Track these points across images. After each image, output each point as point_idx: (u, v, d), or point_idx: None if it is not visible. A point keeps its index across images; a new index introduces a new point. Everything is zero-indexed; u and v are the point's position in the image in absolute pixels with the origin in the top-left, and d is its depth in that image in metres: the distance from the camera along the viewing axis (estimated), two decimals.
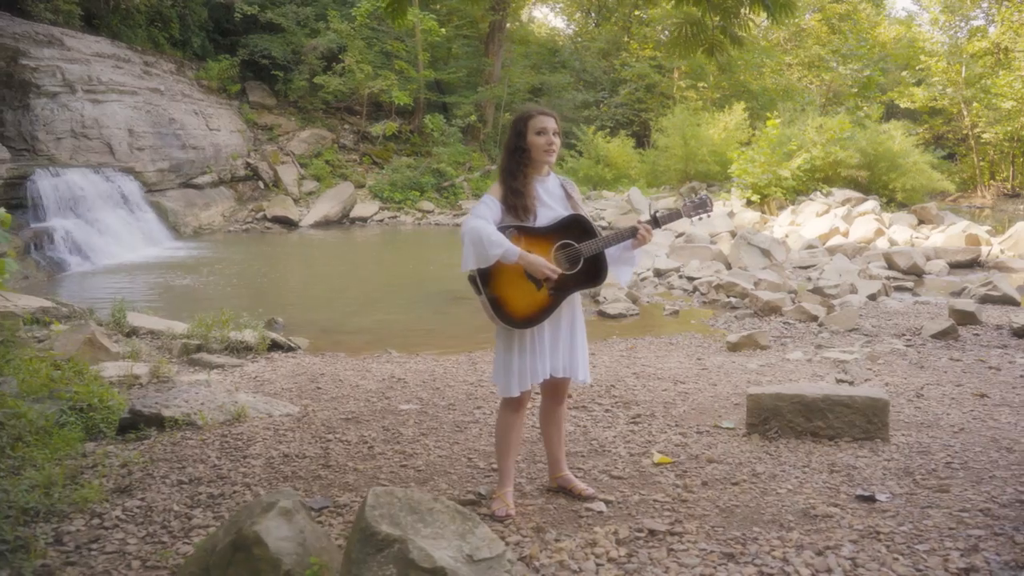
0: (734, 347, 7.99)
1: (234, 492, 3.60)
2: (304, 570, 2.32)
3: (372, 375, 6.43)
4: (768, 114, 20.49)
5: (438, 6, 28.59)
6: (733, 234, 15.50)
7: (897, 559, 2.68)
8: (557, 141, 3.20)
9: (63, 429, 4.51)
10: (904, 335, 8.24)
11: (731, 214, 18.60)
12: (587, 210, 3.33)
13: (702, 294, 11.22)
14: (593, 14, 34.30)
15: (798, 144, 19.80)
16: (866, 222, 16.65)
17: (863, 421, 4.24)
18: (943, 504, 3.20)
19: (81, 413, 4.84)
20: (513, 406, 3.26)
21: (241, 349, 7.67)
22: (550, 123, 3.18)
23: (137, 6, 20.71)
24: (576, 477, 3.58)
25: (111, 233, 15.28)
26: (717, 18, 4.48)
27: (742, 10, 4.30)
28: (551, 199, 3.22)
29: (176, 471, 3.89)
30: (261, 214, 21.29)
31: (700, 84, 27.94)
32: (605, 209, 21.42)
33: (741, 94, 27.70)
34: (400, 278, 13.94)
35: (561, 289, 3.12)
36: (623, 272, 3.37)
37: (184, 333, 7.95)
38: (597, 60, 29.92)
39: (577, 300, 3.30)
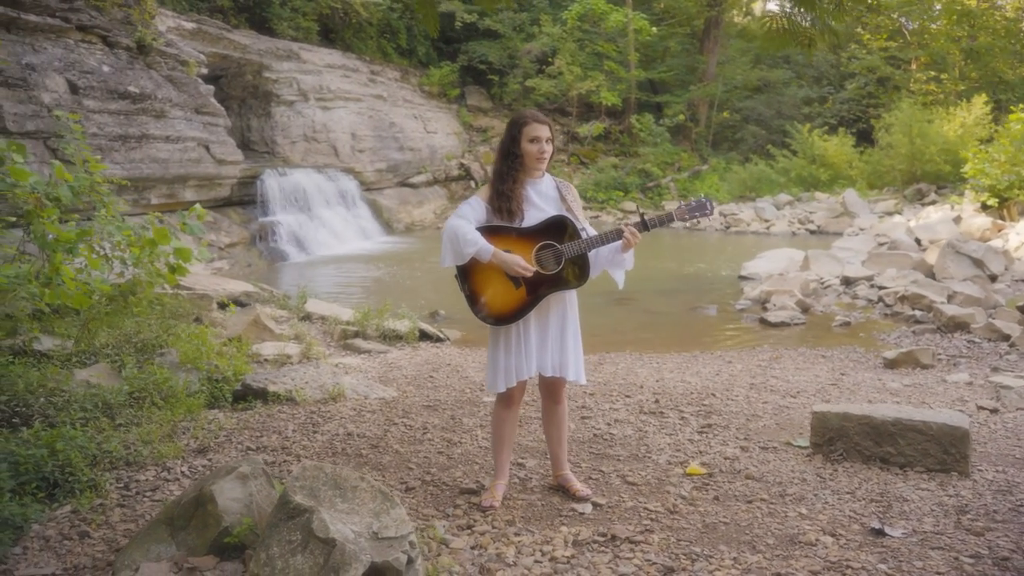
0: (891, 364, 7.34)
1: (284, 461, 4.02)
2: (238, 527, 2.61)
3: None
4: (1012, 108, 18.11)
5: (661, 4, 28.32)
6: None
7: None
8: (549, 148, 3.26)
9: (192, 396, 5.20)
10: None
11: (957, 219, 16.73)
12: (582, 213, 3.34)
13: (887, 305, 10.32)
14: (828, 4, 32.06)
15: None
16: None
17: (938, 451, 3.81)
18: (958, 548, 2.85)
19: (216, 383, 5.55)
20: (504, 402, 3.36)
21: (392, 337, 8.27)
22: (544, 131, 3.24)
23: (369, 19, 22.63)
24: (589, 478, 3.60)
25: (328, 227, 16.89)
26: (802, 8, 4.20)
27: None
28: (543, 200, 3.27)
29: (253, 439, 4.39)
30: None
31: (942, 75, 25.27)
32: (815, 212, 20.15)
33: (996, 85, 24.75)
34: None
35: (540, 289, 3.18)
36: (617, 275, 3.38)
37: (347, 320, 8.72)
38: (825, 53, 28.07)
39: (569, 300, 3.32)
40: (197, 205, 7.46)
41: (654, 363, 7.31)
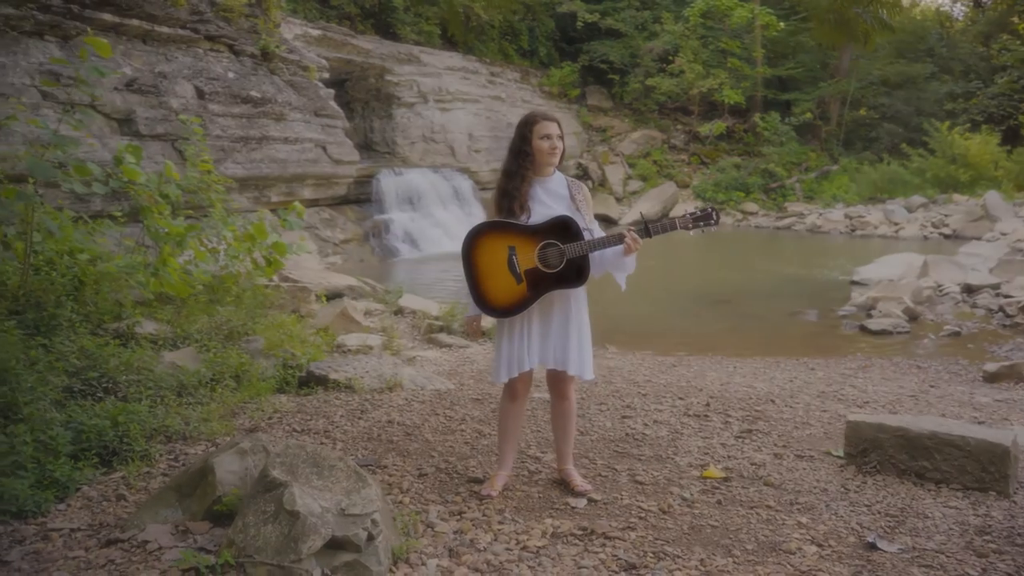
0: (991, 377, 6.90)
1: (323, 444, 4.26)
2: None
3: None
4: None
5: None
6: None
7: None
8: (560, 145, 3.36)
9: (265, 381, 5.57)
10: None
11: None
12: (590, 213, 3.40)
13: (1007, 316, 9.61)
14: None
15: None
16: None
17: (977, 468, 3.59)
18: (950, 568, 2.70)
19: (289, 370, 5.90)
20: (509, 394, 3.46)
21: None
22: (554, 128, 3.35)
23: (490, 22, 23.07)
24: (599, 475, 3.63)
25: (441, 225, 17.36)
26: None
27: None
28: (551, 198, 3.36)
29: (302, 422, 4.67)
30: None
31: None
32: (951, 216, 18.86)
33: None
34: (677, 277, 13.86)
35: (541, 285, 3.25)
36: (619, 277, 3.47)
37: (435, 315, 9.02)
38: (974, 45, 26.13)
39: (575, 297, 3.37)
40: (296, 203, 7.94)
41: (730, 367, 7.16)
